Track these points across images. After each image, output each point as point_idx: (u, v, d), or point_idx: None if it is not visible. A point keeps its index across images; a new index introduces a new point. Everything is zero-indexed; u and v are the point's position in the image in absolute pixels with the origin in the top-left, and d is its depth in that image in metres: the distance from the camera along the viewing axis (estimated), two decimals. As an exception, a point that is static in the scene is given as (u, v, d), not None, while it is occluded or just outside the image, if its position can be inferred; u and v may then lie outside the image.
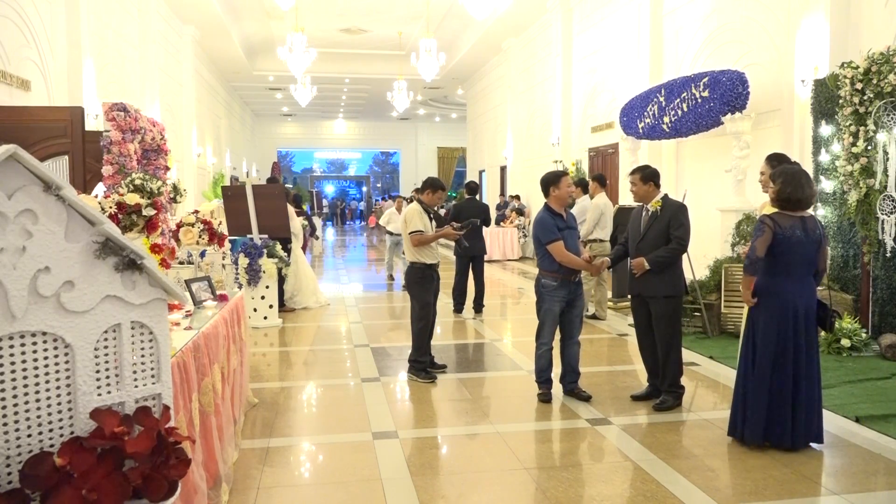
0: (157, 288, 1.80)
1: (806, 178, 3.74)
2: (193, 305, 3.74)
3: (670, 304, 4.59)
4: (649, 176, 4.71)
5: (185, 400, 2.60)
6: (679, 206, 4.65)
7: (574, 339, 4.88)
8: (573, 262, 4.69)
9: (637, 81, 10.83)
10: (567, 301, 4.78)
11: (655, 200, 4.66)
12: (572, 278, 4.75)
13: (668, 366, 4.60)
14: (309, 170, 39.03)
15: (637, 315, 4.82)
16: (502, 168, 19.11)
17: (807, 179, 3.74)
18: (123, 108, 6.89)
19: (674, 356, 4.59)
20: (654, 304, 4.61)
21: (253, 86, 23.84)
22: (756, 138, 7.98)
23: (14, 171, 1.53)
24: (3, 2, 7.10)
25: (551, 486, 3.42)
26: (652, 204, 4.67)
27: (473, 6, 10.14)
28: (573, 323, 4.86)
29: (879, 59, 5.71)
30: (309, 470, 3.77)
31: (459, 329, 7.70)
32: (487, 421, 4.42)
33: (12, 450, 1.57)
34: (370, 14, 16.19)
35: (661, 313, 4.59)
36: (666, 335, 4.60)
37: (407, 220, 5.36)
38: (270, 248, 7.57)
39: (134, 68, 11.78)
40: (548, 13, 14.69)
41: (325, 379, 5.61)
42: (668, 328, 4.59)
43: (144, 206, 4.03)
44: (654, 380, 4.78)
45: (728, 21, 9.04)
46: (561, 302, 4.76)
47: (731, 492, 3.34)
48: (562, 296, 4.75)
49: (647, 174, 4.72)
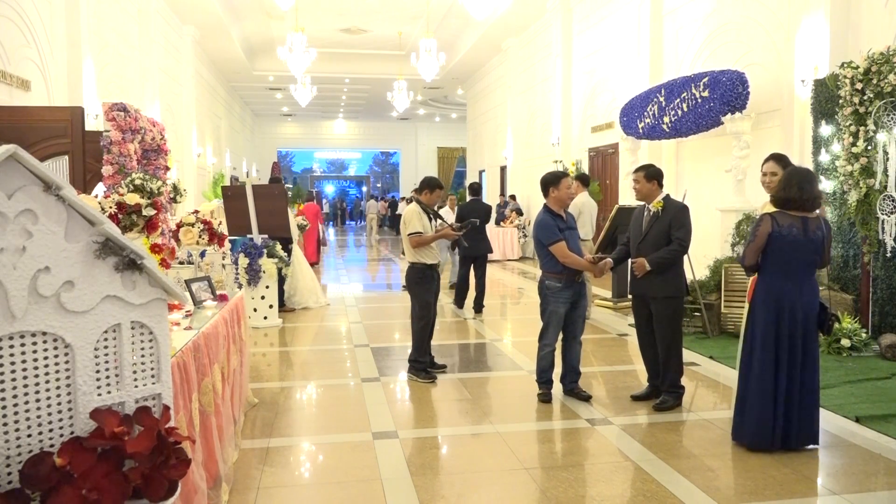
0: (157, 288, 1.80)
1: (807, 180, 3.73)
2: (193, 305, 3.74)
3: (671, 305, 4.59)
4: (653, 174, 4.69)
5: (185, 400, 2.60)
6: (681, 207, 4.63)
7: (577, 339, 4.88)
8: (576, 263, 4.68)
9: (637, 81, 10.83)
10: (571, 302, 4.77)
11: (657, 201, 4.64)
12: (576, 279, 4.75)
13: (669, 366, 4.60)
14: (309, 170, 39.04)
15: (638, 315, 4.82)
16: (502, 168, 19.10)
17: (808, 180, 3.72)
18: (123, 108, 6.89)
19: (674, 357, 4.59)
20: (654, 305, 4.61)
21: (253, 86, 23.84)
22: (756, 138, 7.98)
23: (14, 171, 1.53)
24: (3, 2, 7.10)
25: (551, 486, 3.42)
26: (654, 204, 4.65)
27: (473, 6, 10.14)
28: (576, 323, 4.85)
29: (879, 59, 5.71)
30: (309, 470, 3.76)
31: (459, 329, 7.70)
32: (487, 421, 4.42)
33: (12, 450, 1.57)
34: (370, 14, 16.19)
35: (662, 314, 4.59)
36: (666, 336, 4.60)
37: (406, 221, 5.36)
38: (270, 248, 7.57)
39: (134, 68, 11.78)
40: (548, 13, 14.69)
41: (325, 379, 5.61)
42: (668, 329, 4.59)
43: (144, 206, 4.03)
44: (655, 380, 4.78)
45: (728, 21, 9.04)
46: (566, 304, 4.75)
47: (731, 492, 3.34)
48: (566, 297, 4.74)
49: (651, 172, 4.70)
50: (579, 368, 4.92)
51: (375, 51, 19.58)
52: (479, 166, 22.42)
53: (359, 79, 22.46)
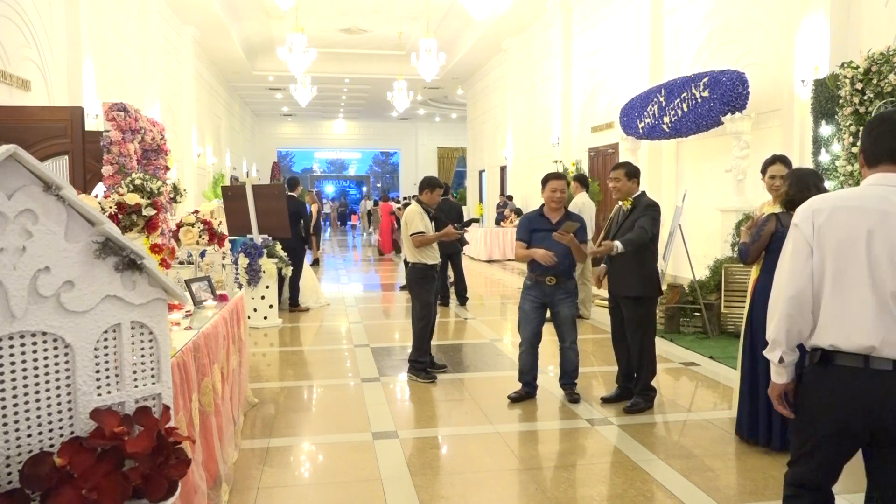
0: (157, 288, 1.80)
1: (821, 180, 3.70)
2: (193, 305, 3.74)
3: (642, 306, 4.50)
4: (633, 173, 4.61)
5: (185, 400, 2.60)
6: (648, 205, 4.52)
7: (566, 344, 4.77)
8: (523, 256, 4.67)
9: (637, 81, 10.83)
10: (543, 304, 4.71)
11: (627, 199, 4.58)
12: (547, 280, 4.63)
13: (642, 368, 4.54)
14: (309, 170, 39.02)
15: (612, 314, 4.76)
16: (502, 168, 19.10)
17: (822, 180, 3.70)
18: (123, 108, 6.88)
19: (647, 359, 4.53)
20: (624, 306, 4.56)
21: (253, 86, 23.83)
22: (756, 138, 7.98)
23: (14, 171, 1.53)
24: (3, 2, 7.10)
25: (551, 486, 3.42)
26: (625, 203, 4.59)
27: (473, 6, 10.14)
28: (561, 327, 4.76)
29: (879, 59, 5.72)
30: (309, 470, 3.77)
31: (459, 329, 7.70)
32: (487, 421, 4.42)
33: (12, 450, 1.57)
34: (370, 14, 16.19)
35: (631, 315, 4.51)
36: (636, 337, 4.52)
37: (408, 221, 5.36)
38: (270, 248, 7.58)
39: (134, 68, 11.78)
40: (548, 13, 14.69)
41: (325, 379, 5.61)
42: (637, 330, 4.51)
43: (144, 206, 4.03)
44: (626, 382, 4.71)
45: (728, 21, 9.04)
46: (533, 302, 4.71)
47: (731, 492, 3.34)
48: (534, 296, 4.70)
49: (632, 170, 4.62)
50: (573, 373, 4.81)
51: (375, 51, 19.58)
52: (478, 166, 22.42)
53: (359, 79, 22.46)
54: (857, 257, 1.90)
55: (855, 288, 1.90)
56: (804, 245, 1.99)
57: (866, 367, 1.88)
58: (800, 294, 1.98)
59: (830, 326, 1.94)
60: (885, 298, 1.87)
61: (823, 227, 1.96)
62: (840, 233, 1.93)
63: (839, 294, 1.93)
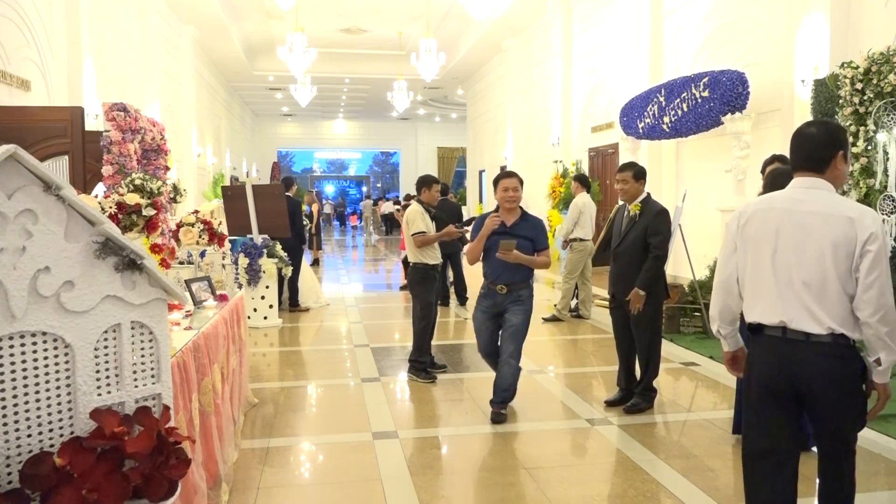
0: (157, 288, 1.80)
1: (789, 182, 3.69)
2: (193, 305, 3.74)
3: (649, 306, 4.40)
4: (641, 174, 4.51)
5: (185, 400, 2.60)
6: (657, 212, 4.41)
7: (503, 359, 4.34)
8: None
9: (637, 81, 10.83)
10: (495, 314, 4.40)
11: (635, 204, 4.47)
12: (497, 288, 4.35)
13: (647, 369, 4.50)
14: (309, 170, 39.03)
15: (612, 315, 4.69)
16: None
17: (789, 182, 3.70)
18: (123, 108, 6.89)
19: (653, 360, 4.49)
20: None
21: (253, 86, 23.83)
22: (756, 138, 7.98)
23: (14, 171, 1.53)
24: (3, 2, 7.09)
25: (551, 486, 3.42)
26: (632, 207, 4.47)
27: (473, 6, 10.14)
28: (504, 340, 4.38)
29: (879, 59, 5.71)
30: (309, 470, 3.76)
31: (459, 329, 7.70)
32: (487, 421, 4.42)
33: (12, 450, 1.57)
34: (370, 14, 16.19)
35: (638, 316, 4.40)
36: (644, 338, 4.46)
37: (409, 221, 5.35)
38: (270, 248, 7.57)
39: (134, 68, 11.78)
40: (548, 13, 14.69)
41: (325, 379, 5.61)
42: (645, 331, 4.45)
43: (144, 206, 4.03)
44: (628, 384, 4.66)
45: (728, 21, 9.04)
46: (485, 312, 4.42)
47: (731, 492, 3.34)
48: (486, 306, 4.43)
49: (640, 171, 4.52)
50: (506, 392, 4.38)
51: (375, 51, 19.58)
52: (479, 166, 22.42)
53: (359, 79, 22.46)
54: (766, 251, 2.31)
55: (763, 276, 2.32)
56: (731, 242, 2.44)
57: (784, 336, 2.28)
58: (726, 281, 2.44)
59: (753, 306, 2.36)
60: (788, 283, 2.25)
61: (744, 227, 2.39)
62: (755, 231, 2.35)
63: (753, 281, 2.36)
